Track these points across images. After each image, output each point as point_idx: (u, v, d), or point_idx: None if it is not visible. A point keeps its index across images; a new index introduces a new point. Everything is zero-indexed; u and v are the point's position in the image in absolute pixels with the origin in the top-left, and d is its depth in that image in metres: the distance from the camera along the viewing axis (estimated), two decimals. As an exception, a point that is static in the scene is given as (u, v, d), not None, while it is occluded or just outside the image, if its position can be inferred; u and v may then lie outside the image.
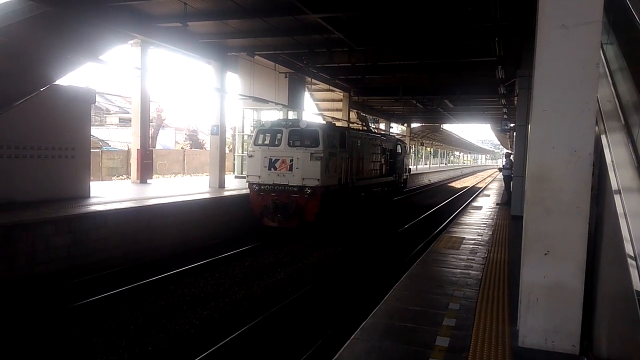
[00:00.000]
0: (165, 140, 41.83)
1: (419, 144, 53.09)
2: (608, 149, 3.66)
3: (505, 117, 27.73)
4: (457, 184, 43.19)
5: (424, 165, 62.82)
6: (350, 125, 24.36)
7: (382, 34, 14.52)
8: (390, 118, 39.06)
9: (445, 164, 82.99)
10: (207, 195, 13.41)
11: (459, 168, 75.42)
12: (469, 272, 6.45)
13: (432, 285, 5.74)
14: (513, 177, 13.27)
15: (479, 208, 14.79)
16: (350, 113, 27.24)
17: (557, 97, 3.78)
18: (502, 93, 19.59)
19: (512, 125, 21.92)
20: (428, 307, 4.91)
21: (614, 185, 3.36)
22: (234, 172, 22.38)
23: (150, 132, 24.60)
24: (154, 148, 28.02)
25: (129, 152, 21.94)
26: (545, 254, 3.84)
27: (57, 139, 10.69)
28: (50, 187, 10.53)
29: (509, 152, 20.37)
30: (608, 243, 3.65)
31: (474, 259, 7.24)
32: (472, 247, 8.23)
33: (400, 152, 22.59)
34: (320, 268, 10.04)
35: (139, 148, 15.33)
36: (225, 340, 5.97)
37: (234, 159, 23.04)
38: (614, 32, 4.84)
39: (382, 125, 38.38)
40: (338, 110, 26.97)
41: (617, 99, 4.07)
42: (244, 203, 13.46)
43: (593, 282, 3.94)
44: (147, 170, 15.80)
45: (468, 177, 62.39)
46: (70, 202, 10.44)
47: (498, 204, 15.89)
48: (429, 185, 38.27)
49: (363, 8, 11.91)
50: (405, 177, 24.46)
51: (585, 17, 3.63)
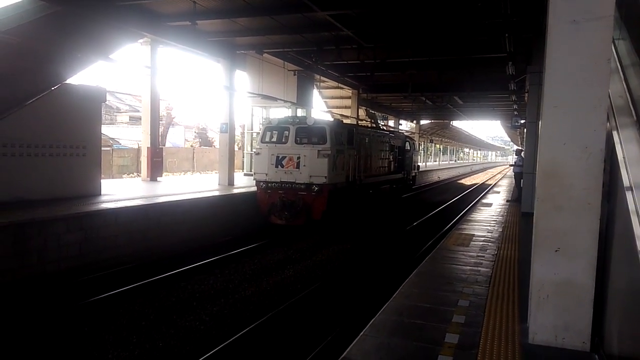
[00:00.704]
0: (175, 138, 42.05)
1: (428, 141, 52.85)
2: (620, 146, 3.62)
3: (516, 113, 27.50)
4: (466, 181, 42.97)
5: (433, 162, 62.55)
6: (359, 123, 24.28)
7: (391, 31, 14.46)
8: (400, 115, 38.93)
9: (455, 161, 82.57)
10: (216, 193, 13.48)
11: (469, 165, 75.00)
12: (479, 269, 6.43)
13: (441, 283, 5.73)
14: (523, 173, 13.18)
15: (489, 205, 14.71)
16: (359, 110, 27.19)
17: (568, 93, 3.75)
18: (512, 89, 19.43)
19: (522, 122, 21.73)
20: (437, 304, 4.90)
21: (626, 182, 3.33)
22: (243, 169, 22.46)
23: (160, 130, 24.76)
24: (164, 146, 28.18)
25: (139, 150, 22.07)
26: (556, 251, 3.81)
27: (68, 138, 10.80)
28: (62, 185, 10.64)
29: (520, 148, 20.20)
30: (619, 240, 3.61)
31: (484, 256, 7.21)
32: (482, 244, 8.20)
33: (409, 149, 22.47)
34: (329, 265, 10.05)
35: (149, 146, 15.43)
36: (235, 337, 6.00)
37: (243, 157, 23.12)
38: (626, 27, 4.78)
39: (391, 122, 38.28)
40: (347, 108, 26.93)
41: (629, 95, 4.03)
42: (253, 200, 13.50)
43: (604, 279, 3.91)
44: (157, 168, 15.90)
45: (478, 174, 62.03)
46: (82, 199, 10.55)
47: (508, 201, 15.80)
48: (438, 183, 38.11)
49: (372, 5, 11.88)
50: (414, 174, 24.32)
51: (597, 12, 3.59)
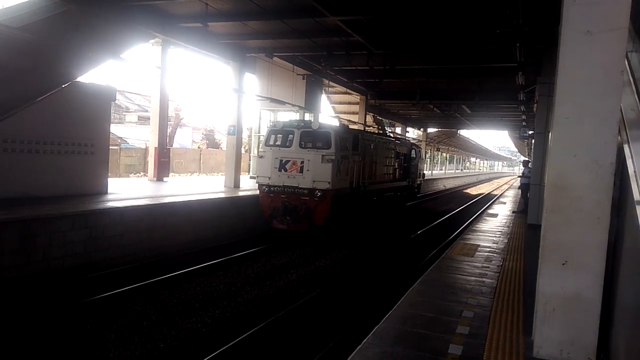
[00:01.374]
0: (183, 139, 42.22)
1: (435, 149, 52.73)
2: (631, 160, 3.58)
3: (524, 124, 27.37)
4: (472, 191, 42.79)
5: (440, 171, 62.37)
6: (366, 129, 24.26)
7: (401, 38, 14.46)
8: (407, 122, 38.89)
9: (461, 170, 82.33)
10: (222, 195, 13.49)
11: (475, 174, 74.72)
12: (484, 280, 6.37)
13: (446, 292, 5.68)
14: (530, 185, 13.09)
15: (495, 215, 14.62)
16: (367, 116, 27.18)
17: (579, 104, 3.72)
18: (521, 99, 19.35)
19: (530, 133, 21.63)
20: (441, 314, 4.86)
21: (636, 197, 3.28)
22: (249, 172, 22.49)
23: (168, 130, 24.85)
24: (172, 146, 28.29)
25: (147, 150, 22.18)
26: (563, 264, 3.77)
27: (76, 135, 10.85)
28: (69, 182, 10.68)
29: (527, 159, 20.08)
30: (628, 255, 3.57)
31: (489, 267, 7.16)
32: (487, 254, 8.14)
33: (415, 156, 22.33)
34: (332, 270, 10.02)
35: (157, 146, 15.49)
36: (236, 341, 5.98)
37: (250, 160, 23.17)
38: (639, 39, 4.75)
39: (398, 129, 38.24)
40: (354, 113, 26.92)
41: (640, 108, 3.99)
42: (258, 203, 13.49)
43: (612, 293, 3.86)
44: (164, 169, 15.95)
45: (484, 183, 61.80)
46: (88, 197, 10.58)
47: (514, 212, 15.70)
48: (444, 191, 37.99)
49: (383, 11, 11.89)
50: (419, 182, 24.16)
51: (611, 23, 3.56)
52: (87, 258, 8.86)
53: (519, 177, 18.04)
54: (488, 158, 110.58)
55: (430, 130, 45.41)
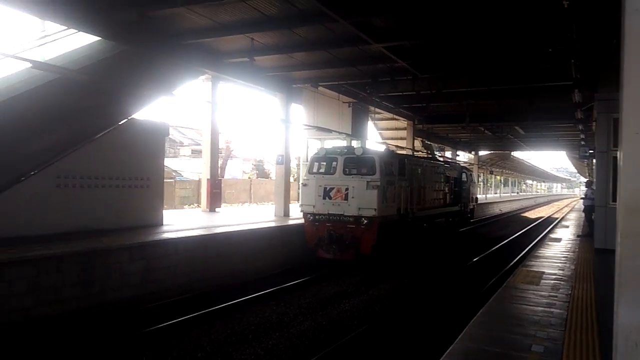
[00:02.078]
0: (233, 170, 43.21)
1: (488, 172, 51.17)
2: None
3: (583, 143, 26.10)
4: (530, 214, 41.01)
5: (494, 195, 60.39)
6: (414, 153, 23.89)
7: (447, 61, 14.27)
8: (457, 146, 38.09)
9: (517, 193, 79.36)
10: (272, 224, 13.55)
11: (532, 197, 71.79)
12: (552, 310, 5.93)
13: (510, 324, 5.30)
14: (595, 206, 12.32)
15: (558, 240, 13.82)
16: (415, 141, 26.84)
17: (652, 118, 3.41)
18: (579, 118, 18.48)
19: (590, 152, 20.56)
20: (508, 348, 4.51)
21: None
22: (299, 200, 22.55)
23: (220, 162, 25.48)
24: (223, 178, 28.97)
25: (200, 181, 22.79)
26: (646, 293, 3.40)
27: (132, 170, 11.27)
28: (126, 215, 11.05)
29: (590, 179, 19.03)
30: None
31: (557, 296, 6.67)
32: (553, 282, 7.62)
33: (466, 180, 21.57)
34: (386, 300, 9.70)
35: (209, 178, 15.87)
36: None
37: (299, 188, 23.27)
38: None
39: (448, 154, 37.49)
40: (402, 139, 26.66)
41: None
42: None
43: None
44: (216, 199, 16.28)
45: (543, 206, 59.19)
46: (144, 229, 10.89)
47: (579, 236, 14.80)
48: (500, 216, 36.60)
49: (428, 36, 11.79)
50: (472, 206, 23.25)
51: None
52: (144, 289, 9.03)
53: (582, 198, 17.03)
54: (545, 180, 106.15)
55: (482, 153, 44.21)
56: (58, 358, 6.26)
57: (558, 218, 32.54)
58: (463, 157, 43.25)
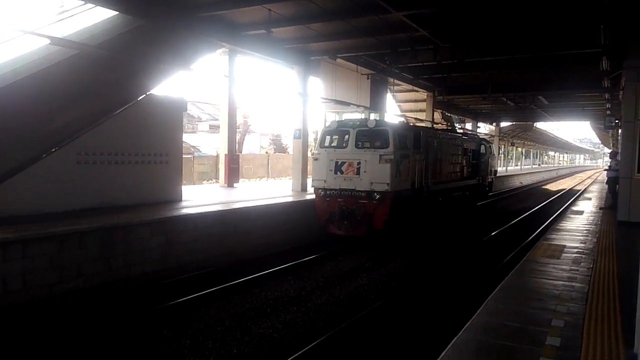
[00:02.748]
0: (251, 146, 43.33)
1: (509, 144, 50.24)
2: None
3: (609, 113, 25.32)
4: (552, 187, 40.33)
5: (515, 167, 59.47)
6: (434, 126, 23.49)
7: (469, 29, 13.81)
8: (477, 117, 37.35)
9: (539, 165, 77.99)
10: (289, 199, 13.56)
11: (554, 169, 70.50)
12: (573, 284, 5.83)
13: (530, 299, 5.24)
14: (620, 178, 12.00)
15: (580, 213, 13.56)
16: (435, 113, 26.38)
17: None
18: (605, 87, 17.86)
19: (617, 122, 19.89)
20: (527, 323, 4.46)
21: None
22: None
23: (237, 137, 25.52)
24: (241, 153, 29.04)
25: (218, 157, 22.90)
26: (673, 268, 3.30)
27: (151, 146, 11.32)
28: (145, 191, 11.15)
29: (615, 150, 18.49)
30: None
31: (578, 270, 6.56)
32: (574, 256, 7.48)
33: (485, 152, 20.84)
34: (403, 274, 9.70)
35: (227, 153, 15.90)
36: (307, 348, 5.87)
37: (316, 162, 23.17)
38: None
39: (468, 125, 36.84)
40: (421, 111, 26.21)
41: None
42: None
43: None
44: (234, 175, 16.33)
45: (565, 178, 58.12)
46: (163, 205, 11.00)
47: (602, 209, 14.50)
48: (520, 188, 36.07)
49: (449, 2, 11.40)
50: (491, 179, 22.44)
51: None
52: (164, 264, 9.18)
53: (605, 170, 16.58)
54: (568, 151, 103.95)
55: (504, 125, 43.31)
56: (81, 332, 6.43)
57: (580, 190, 31.93)
58: (484, 128, 42.46)
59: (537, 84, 22.38)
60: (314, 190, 12.87)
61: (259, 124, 46.09)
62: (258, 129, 46.07)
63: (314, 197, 13.01)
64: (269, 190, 16.02)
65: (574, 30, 13.30)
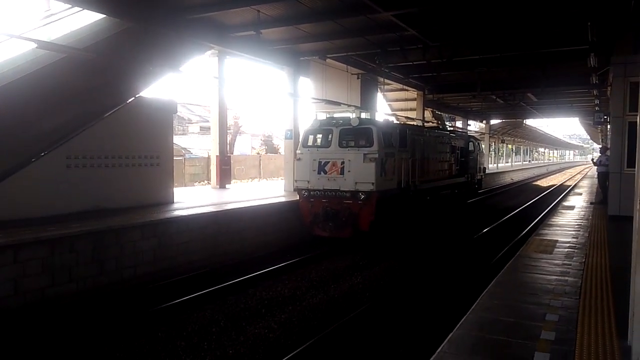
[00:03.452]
0: (242, 146, 43.17)
1: (500, 141, 50.58)
2: None
3: (597, 109, 25.58)
4: (543, 183, 40.67)
5: (506, 164, 59.89)
6: (425, 124, 23.56)
7: (458, 28, 13.88)
8: (468, 115, 37.56)
9: (529, 162, 78.60)
10: (282, 199, 13.54)
11: (544, 165, 71.12)
12: (566, 278, 5.88)
13: (524, 294, 5.27)
14: (609, 173, 12.13)
15: (571, 208, 13.68)
16: (425, 112, 26.47)
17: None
18: (593, 83, 18.05)
19: (605, 118, 20.08)
20: (522, 318, 4.49)
21: None
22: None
23: (228, 139, 25.41)
24: (232, 154, 28.95)
25: (209, 158, 22.83)
26: (665, 261, 3.33)
27: (142, 148, 11.23)
28: (137, 193, 11.07)
29: (605, 146, 18.66)
30: None
31: (571, 264, 6.62)
32: (567, 250, 7.55)
33: (473, 149, 20.72)
34: (398, 272, 9.73)
35: (218, 155, 15.84)
36: (303, 347, 5.86)
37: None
38: None
39: (458, 123, 37.02)
40: (412, 110, 26.31)
41: None
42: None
43: None
44: (225, 176, 16.28)
45: (555, 174, 58.67)
46: (156, 207, 10.93)
47: (592, 203, 14.64)
48: (511, 185, 36.33)
49: (437, 2, 11.45)
50: (480, 177, 22.35)
51: None
52: (157, 266, 9.12)
53: (595, 165, 16.70)
54: (558, 147, 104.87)
55: (494, 122, 43.60)
56: (75, 336, 6.37)
57: (570, 185, 32.22)
58: (474, 126, 42.71)
59: (525, 82, 22.55)
60: (297, 192, 12.59)
61: (250, 125, 45.94)
62: (249, 130, 45.91)
63: (298, 198, 12.76)
64: (261, 191, 15.99)
65: (562, 28, 13.41)
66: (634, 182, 3.88)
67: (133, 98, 11.29)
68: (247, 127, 44.06)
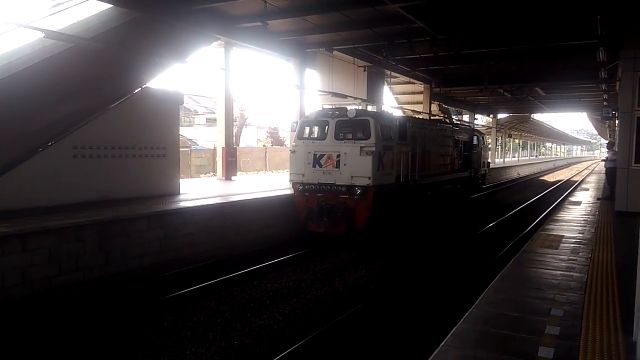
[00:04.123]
0: (248, 139, 43.21)
1: (507, 136, 50.31)
2: None
3: (606, 104, 25.38)
4: (549, 178, 40.47)
5: (512, 158, 59.60)
6: (431, 118, 23.44)
7: (466, 21, 13.79)
8: (475, 109, 37.39)
9: (536, 156, 78.19)
10: (287, 192, 13.52)
11: (551, 160, 70.71)
12: (572, 274, 5.86)
13: (529, 289, 5.26)
14: (617, 168, 12.03)
15: (578, 203, 13.61)
16: (432, 105, 26.35)
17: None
18: (602, 78, 17.88)
19: (614, 113, 19.89)
20: (527, 312, 4.48)
21: None
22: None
23: (234, 130, 25.47)
24: (238, 146, 29.00)
25: (215, 150, 22.86)
26: (672, 257, 3.31)
27: (148, 139, 11.26)
28: (143, 184, 11.11)
29: (612, 141, 18.50)
30: None
31: (576, 260, 6.59)
32: (573, 246, 7.52)
33: (477, 143, 20.20)
34: (402, 266, 9.73)
35: (224, 146, 15.87)
36: (308, 338, 5.89)
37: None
38: None
39: (465, 117, 36.85)
40: (419, 103, 26.22)
41: None
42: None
43: None
44: (231, 168, 16.31)
45: (562, 169, 58.33)
46: (161, 198, 10.97)
47: (599, 199, 14.55)
48: (518, 180, 36.15)
49: (446, -7, 11.38)
50: (484, 171, 21.81)
51: None
52: (163, 257, 9.17)
53: (603, 160, 16.56)
54: (565, 142, 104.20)
55: (501, 116, 43.36)
56: (81, 324, 6.43)
57: (577, 181, 32.04)
58: (481, 120, 42.50)
59: (534, 76, 22.39)
60: (292, 185, 12.20)
61: (256, 117, 45.99)
62: (255, 122, 45.95)
63: (292, 192, 12.37)
64: (267, 183, 16.00)
65: (571, 21, 13.30)
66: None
67: (139, 89, 11.29)
68: (253, 119, 44.10)
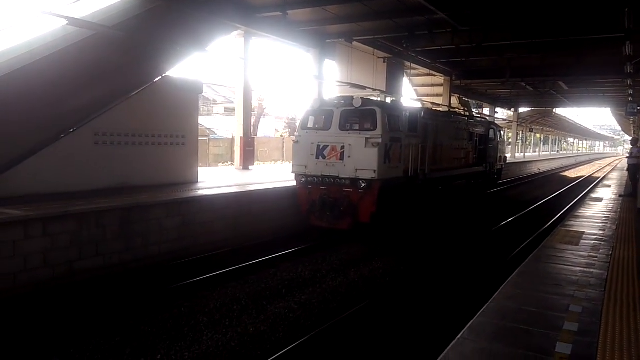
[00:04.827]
0: (266, 129, 43.32)
1: (528, 130, 49.52)
2: None
3: (631, 99, 24.77)
4: (570, 173, 39.78)
5: (533, 153, 58.72)
6: (450, 110, 23.15)
7: (489, 12, 13.56)
8: (496, 102, 36.89)
9: (557, 152, 76.89)
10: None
11: (573, 156, 69.50)
12: (592, 270, 5.77)
13: (548, 285, 5.19)
14: (641, 165, 11.78)
15: (599, 200, 13.36)
16: (452, 98, 26.04)
17: None
18: (628, 72, 17.44)
19: (639, 109, 19.43)
20: (545, 308, 4.43)
21: None
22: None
23: (252, 120, 25.51)
24: (256, 136, 29.06)
25: (233, 140, 22.98)
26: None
27: (168, 127, 11.36)
28: (162, 172, 11.23)
29: (636, 137, 18.09)
30: None
31: (597, 257, 6.49)
32: (593, 242, 7.40)
33: (494, 137, 19.34)
34: (417, 260, 9.70)
35: (242, 136, 15.94)
36: (323, 328, 5.93)
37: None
38: None
39: (485, 111, 36.38)
40: (438, 96, 25.92)
41: None
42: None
43: None
44: (249, 157, 16.39)
45: (584, 165, 57.35)
46: (180, 186, 11.08)
47: (621, 196, 14.27)
48: (538, 175, 35.62)
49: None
50: (500, 166, 20.96)
51: None
52: (180, 244, 9.29)
53: (627, 157, 16.20)
54: (587, 138, 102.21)
55: (522, 110, 42.67)
56: (100, 309, 6.56)
57: (599, 177, 31.44)
58: (502, 114, 41.91)
59: (557, 69, 21.95)
60: (295, 177, 11.78)
61: (274, 107, 45.98)
62: (273, 112, 45.98)
63: (295, 184, 11.93)
64: (284, 174, 15.99)
65: (597, 14, 13.00)
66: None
67: (160, 77, 11.39)
68: (271, 109, 44.12)
